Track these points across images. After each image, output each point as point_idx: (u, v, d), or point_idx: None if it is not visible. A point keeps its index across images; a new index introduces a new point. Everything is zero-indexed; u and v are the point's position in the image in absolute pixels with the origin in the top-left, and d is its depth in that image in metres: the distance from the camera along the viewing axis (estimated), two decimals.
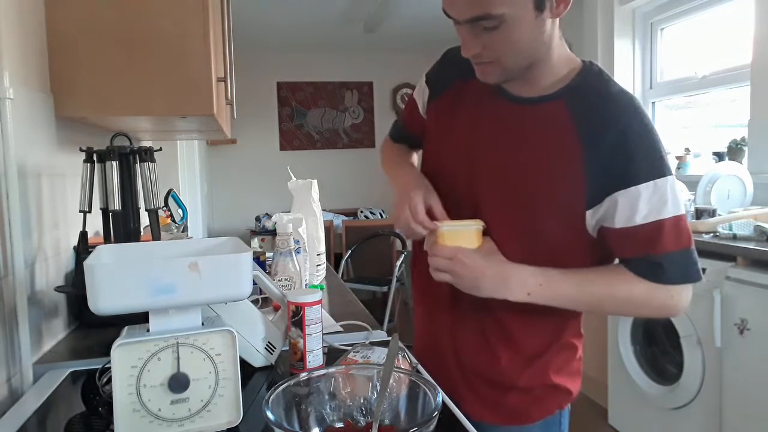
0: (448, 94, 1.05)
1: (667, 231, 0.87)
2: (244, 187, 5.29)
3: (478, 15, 0.81)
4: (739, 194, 2.43)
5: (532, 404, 1.04)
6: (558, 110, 0.90)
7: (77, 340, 1.27)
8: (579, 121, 0.88)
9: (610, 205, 0.87)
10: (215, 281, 0.78)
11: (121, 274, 0.75)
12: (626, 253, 0.91)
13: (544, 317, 0.99)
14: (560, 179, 0.89)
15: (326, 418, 0.72)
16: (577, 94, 0.90)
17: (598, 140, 0.86)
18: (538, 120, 0.92)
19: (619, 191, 0.85)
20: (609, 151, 0.85)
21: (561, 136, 0.89)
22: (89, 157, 1.22)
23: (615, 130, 0.85)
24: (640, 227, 0.86)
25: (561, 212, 0.90)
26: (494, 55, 0.86)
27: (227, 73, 1.55)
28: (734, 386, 1.97)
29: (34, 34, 1.23)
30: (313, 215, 1.69)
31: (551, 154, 0.90)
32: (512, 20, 0.81)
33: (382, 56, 5.40)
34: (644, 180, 0.84)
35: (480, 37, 0.84)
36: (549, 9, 0.83)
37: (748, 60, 2.55)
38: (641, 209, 0.85)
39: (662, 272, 0.88)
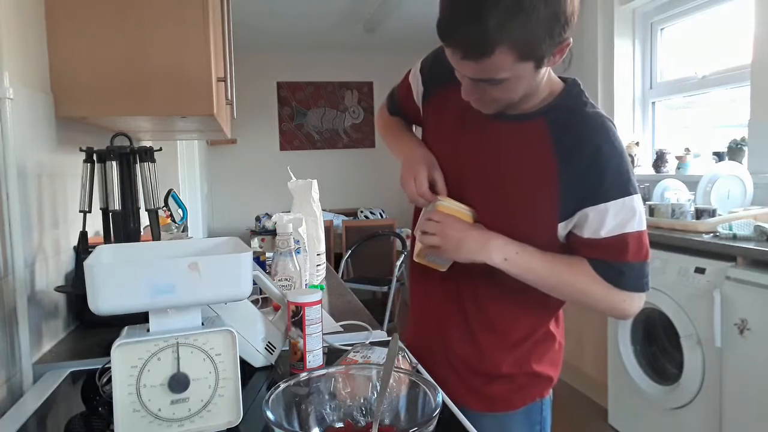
0: (440, 94, 1.09)
1: (630, 244, 0.93)
2: (244, 187, 5.29)
3: (484, 78, 0.86)
4: (739, 194, 2.43)
5: (515, 392, 1.10)
6: (537, 127, 0.95)
7: (77, 340, 1.27)
8: (556, 138, 0.93)
9: (580, 218, 0.94)
10: (215, 281, 0.78)
11: (121, 274, 0.75)
12: (590, 255, 0.97)
13: (526, 307, 1.06)
14: (536, 193, 0.95)
15: (326, 418, 0.72)
16: (556, 113, 0.95)
17: (573, 159, 0.92)
18: (519, 135, 0.97)
19: (590, 207, 0.91)
20: (582, 170, 0.91)
21: (539, 152, 0.94)
22: (89, 157, 1.22)
23: (588, 150, 0.91)
24: (606, 239, 0.93)
25: (536, 222, 0.96)
26: (494, 99, 0.92)
27: (227, 73, 1.55)
28: (734, 386, 1.97)
29: (34, 34, 1.23)
30: (313, 215, 1.69)
31: (529, 169, 0.96)
32: (514, 79, 0.86)
33: (382, 56, 5.39)
34: (613, 198, 0.90)
35: (481, 89, 0.89)
36: (547, 63, 0.87)
37: (748, 60, 2.55)
38: (608, 224, 0.92)
39: (622, 278, 0.95)
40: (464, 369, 1.10)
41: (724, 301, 1.97)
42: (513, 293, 1.03)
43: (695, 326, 2.10)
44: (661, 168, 3.13)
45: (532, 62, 0.84)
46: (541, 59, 0.85)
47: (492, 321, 1.07)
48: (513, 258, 0.96)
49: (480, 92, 0.90)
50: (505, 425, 1.11)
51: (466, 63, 0.84)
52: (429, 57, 1.13)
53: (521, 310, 1.06)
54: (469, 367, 1.10)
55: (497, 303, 1.05)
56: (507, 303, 1.05)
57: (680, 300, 2.16)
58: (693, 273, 2.10)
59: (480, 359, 1.09)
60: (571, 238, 0.97)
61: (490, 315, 1.06)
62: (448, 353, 1.11)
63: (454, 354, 1.11)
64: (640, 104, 3.48)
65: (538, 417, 1.12)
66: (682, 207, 2.37)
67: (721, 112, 3.08)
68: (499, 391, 1.09)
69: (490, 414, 1.10)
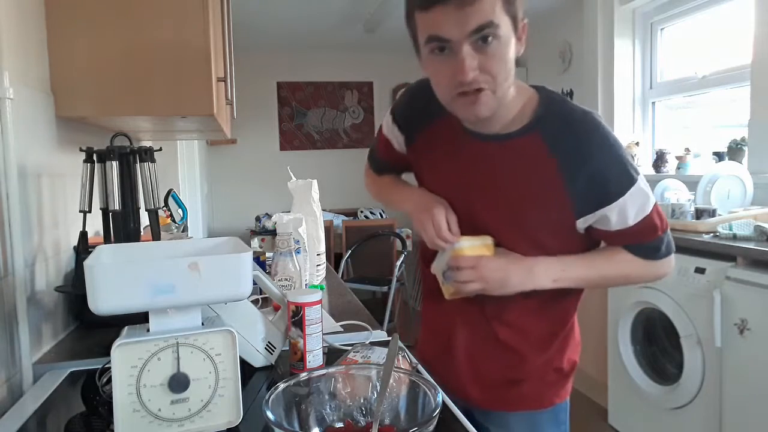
0: (423, 135, 1.09)
1: (654, 221, 0.99)
2: (244, 187, 5.29)
3: (482, 23, 0.84)
4: (739, 194, 2.43)
5: (546, 390, 1.11)
6: (534, 142, 0.96)
7: (77, 340, 1.27)
8: (555, 150, 0.94)
9: (600, 218, 0.97)
10: (215, 281, 0.78)
11: (121, 274, 0.75)
12: (622, 243, 1.02)
13: (550, 307, 1.07)
14: (547, 204, 0.97)
15: (326, 418, 0.72)
16: (547, 123, 0.96)
17: (576, 166, 0.93)
18: (517, 153, 0.97)
19: (607, 207, 0.95)
20: (588, 178, 0.93)
21: (541, 165, 0.95)
22: (89, 157, 1.22)
23: (589, 155, 0.93)
24: (634, 226, 0.98)
25: (554, 229, 0.99)
26: (488, 77, 0.88)
27: (227, 73, 1.55)
28: (734, 386, 1.97)
29: (34, 34, 1.23)
30: (313, 215, 1.69)
31: (534, 184, 0.97)
32: (504, 37, 0.87)
33: (382, 56, 5.39)
34: (625, 191, 0.94)
35: (477, 58, 0.87)
36: (518, 34, 0.90)
37: (748, 60, 2.55)
38: (630, 213, 0.96)
39: (656, 252, 1.03)
40: (494, 378, 1.10)
41: (724, 301, 1.96)
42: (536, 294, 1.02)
43: (695, 326, 2.10)
44: (661, 168, 3.13)
45: (511, 22, 0.87)
46: (515, 22, 0.88)
47: (521, 327, 1.07)
48: (560, 276, 1.00)
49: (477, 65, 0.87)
50: (534, 423, 1.12)
51: (461, 13, 0.83)
52: (398, 106, 1.14)
53: (547, 309, 1.07)
54: (500, 376, 1.10)
55: (521, 309, 1.05)
56: (531, 307, 1.05)
57: (680, 300, 2.16)
58: (693, 273, 2.10)
59: (513, 368, 1.09)
60: (598, 232, 1.00)
61: (517, 322, 1.07)
62: (473, 362, 1.11)
63: (483, 367, 1.10)
64: (640, 104, 3.48)
65: (564, 417, 1.14)
66: (682, 207, 2.37)
67: (721, 112, 3.08)
68: (529, 391, 1.10)
69: (519, 412, 1.11)
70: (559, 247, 1.01)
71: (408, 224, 5.16)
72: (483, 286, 0.98)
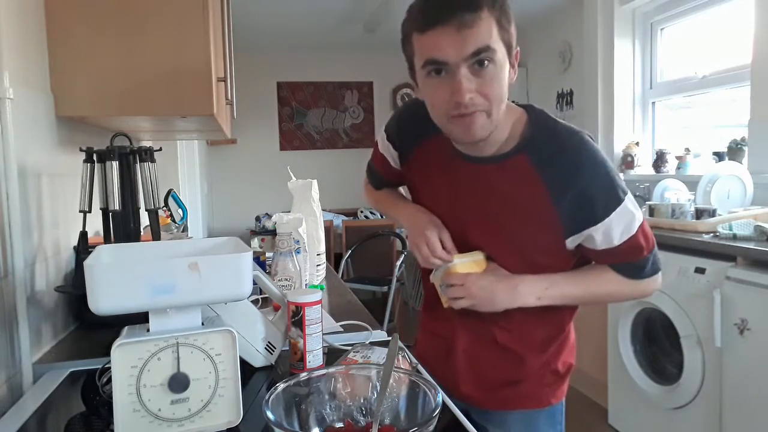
0: (417, 152, 1.12)
1: (640, 242, 1.00)
2: (244, 187, 5.29)
3: (480, 47, 0.87)
4: (739, 194, 2.43)
5: (542, 389, 1.14)
6: (521, 163, 0.98)
7: (77, 340, 1.27)
8: (542, 172, 0.97)
9: (587, 238, 0.99)
10: (215, 281, 0.78)
11: (121, 274, 0.75)
12: (608, 262, 1.04)
13: (548, 314, 1.08)
14: (536, 223, 0.99)
15: (326, 418, 0.72)
16: (534, 145, 0.98)
17: (563, 187, 0.95)
18: (506, 175, 1.00)
19: (593, 227, 0.97)
20: (574, 199, 0.95)
21: (529, 186, 0.98)
22: (89, 157, 1.22)
23: (574, 184, 0.95)
24: (620, 246, 0.99)
25: (544, 246, 1.02)
26: (484, 100, 0.90)
27: (227, 73, 1.55)
28: (734, 386, 1.97)
29: (34, 34, 1.23)
30: (313, 215, 1.69)
31: (524, 204, 0.99)
32: (500, 62, 0.90)
33: (382, 56, 5.39)
34: (611, 211, 0.95)
35: (473, 81, 0.89)
36: (512, 64, 0.93)
37: (748, 60, 2.55)
38: (615, 234, 0.98)
39: (641, 271, 1.04)
40: (493, 377, 1.13)
41: (724, 301, 1.96)
42: None
43: (695, 326, 2.10)
44: (661, 168, 3.13)
45: (506, 49, 0.90)
46: (509, 48, 0.91)
47: (518, 328, 1.09)
48: (544, 294, 1.03)
49: (474, 86, 0.89)
50: (532, 422, 1.15)
51: (460, 36, 0.86)
52: (392, 124, 1.16)
53: (543, 315, 1.08)
54: (500, 379, 1.13)
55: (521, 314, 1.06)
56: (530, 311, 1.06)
57: (680, 300, 2.16)
58: (693, 273, 2.10)
59: (512, 371, 1.12)
60: (585, 249, 1.02)
61: (517, 327, 1.09)
62: (472, 364, 1.13)
63: (480, 364, 1.13)
64: (640, 104, 3.48)
65: (560, 418, 1.17)
66: (682, 207, 2.37)
67: (721, 112, 3.08)
68: (527, 391, 1.13)
69: (517, 411, 1.14)
70: (550, 265, 1.04)
71: None
72: (472, 302, 1.02)
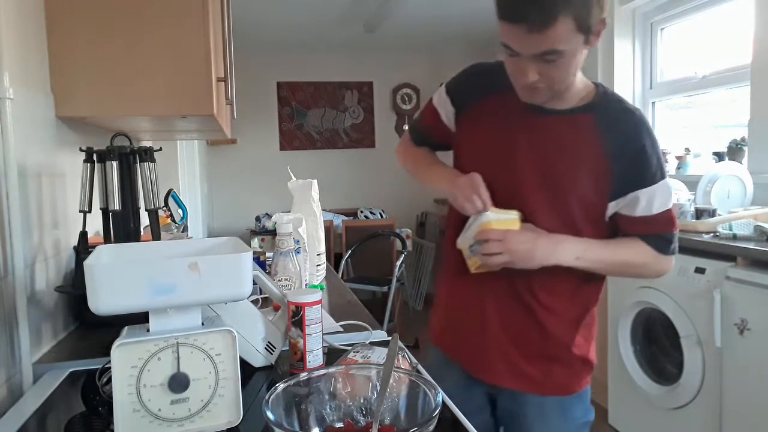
0: (474, 109, 1.17)
1: (673, 216, 1.11)
2: (244, 187, 5.29)
3: (545, 50, 0.94)
4: (739, 194, 2.43)
5: (574, 376, 1.19)
6: (587, 121, 1.07)
7: (77, 340, 1.27)
8: (604, 131, 1.05)
9: (631, 199, 1.06)
10: (215, 281, 0.78)
11: (121, 274, 0.75)
12: (642, 232, 1.10)
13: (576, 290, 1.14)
14: (589, 178, 1.06)
15: (326, 418, 0.72)
16: (600, 110, 1.08)
17: (621, 151, 1.05)
18: (570, 128, 1.07)
19: (640, 190, 1.05)
20: (630, 160, 1.05)
21: (591, 143, 1.06)
22: (89, 157, 1.22)
23: (634, 144, 1.05)
24: (655, 216, 1.08)
25: (588, 210, 1.08)
26: (547, 82, 1.00)
27: (227, 73, 1.55)
28: (734, 386, 1.97)
29: (34, 34, 1.23)
30: (313, 215, 1.69)
31: (582, 157, 1.06)
32: (569, 54, 0.96)
33: (382, 56, 5.39)
34: (658, 180, 1.06)
35: (538, 68, 0.97)
36: (590, 41, 0.98)
37: (748, 60, 2.55)
38: (656, 203, 1.07)
39: (668, 246, 1.12)
40: (524, 350, 1.15)
41: (724, 301, 1.96)
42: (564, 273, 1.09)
43: (695, 326, 2.10)
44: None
45: (583, 36, 0.95)
46: (589, 33, 0.95)
47: (550, 302, 1.13)
48: (583, 255, 1.07)
49: (537, 73, 0.98)
50: (567, 406, 1.20)
51: (530, 37, 0.92)
52: (455, 80, 1.22)
53: (573, 290, 1.14)
54: (534, 352, 1.16)
55: (553, 284, 1.12)
56: (561, 283, 1.12)
57: (680, 300, 2.16)
58: (693, 273, 2.10)
59: (547, 341, 1.15)
60: (620, 217, 1.09)
61: (546, 297, 1.13)
62: (506, 334, 1.15)
63: (513, 335, 1.15)
64: (640, 104, 3.48)
65: (587, 398, 1.23)
66: (682, 207, 2.37)
67: (721, 112, 3.08)
68: (560, 376, 1.18)
69: (551, 397, 1.18)
70: (588, 231, 1.09)
71: (408, 224, 5.16)
72: (509, 258, 1.04)
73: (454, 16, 4.10)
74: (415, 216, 5.45)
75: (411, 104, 5.49)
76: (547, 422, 1.18)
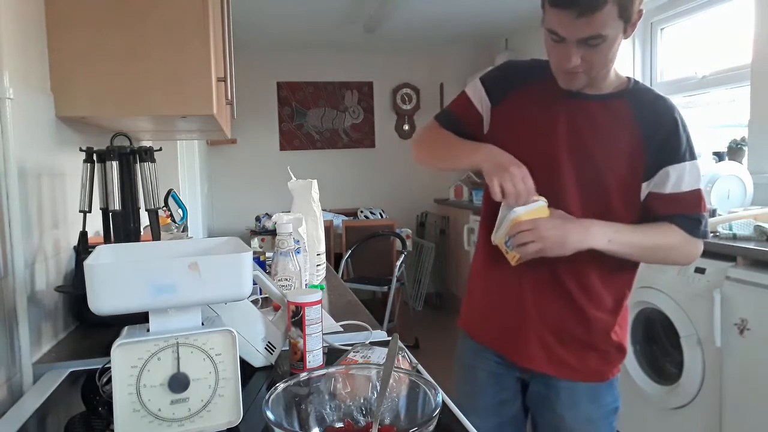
0: (511, 99, 1.21)
1: (702, 196, 1.14)
2: (244, 187, 5.28)
3: (591, 35, 1.01)
4: (739, 194, 2.43)
5: (608, 364, 1.22)
6: (622, 106, 1.14)
7: (77, 340, 1.27)
8: (638, 116, 1.12)
9: (661, 176, 1.11)
10: (215, 281, 0.78)
11: (121, 274, 0.75)
12: (671, 211, 1.13)
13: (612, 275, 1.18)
14: (623, 159, 1.11)
15: (326, 418, 0.72)
16: (633, 95, 1.15)
17: (654, 129, 1.11)
18: (607, 113, 1.14)
19: (670, 166, 1.10)
20: (663, 138, 1.10)
21: (625, 126, 1.12)
22: (89, 157, 1.22)
23: (667, 123, 1.11)
24: (687, 193, 1.12)
25: (624, 190, 1.12)
26: (587, 67, 1.07)
27: (227, 73, 1.55)
28: (734, 386, 1.97)
29: (34, 34, 1.23)
30: (313, 215, 1.69)
31: (617, 137, 1.12)
32: (611, 39, 1.03)
33: (382, 56, 5.39)
34: (688, 159, 1.11)
35: (582, 52, 1.04)
36: (628, 29, 1.05)
37: (748, 60, 2.55)
38: (686, 180, 1.11)
39: (698, 227, 1.14)
40: (565, 341, 1.19)
41: (724, 301, 1.96)
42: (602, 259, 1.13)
43: (695, 326, 2.10)
44: None
45: (623, 24, 1.02)
46: (629, 21, 1.02)
47: (590, 288, 1.17)
48: (614, 237, 1.09)
49: (579, 58, 1.04)
50: (598, 393, 1.23)
51: (578, 22, 0.99)
52: (490, 74, 1.27)
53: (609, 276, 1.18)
54: (573, 338, 1.19)
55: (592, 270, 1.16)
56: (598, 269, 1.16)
57: (680, 300, 2.16)
58: (693, 273, 2.10)
59: (587, 327, 1.18)
60: (652, 197, 1.13)
61: (587, 283, 1.16)
62: (541, 329, 1.19)
63: (553, 327, 1.18)
64: None
65: (617, 384, 1.25)
66: None
67: (721, 112, 3.08)
68: (595, 363, 1.21)
69: (585, 383, 1.21)
70: (621, 212, 1.12)
71: (408, 224, 5.16)
72: (542, 245, 1.06)
73: (454, 16, 4.10)
74: (415, 216, 5.45)
75: (411, 104, 5.49)
76: (579, 409, 1.21)
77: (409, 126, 5.50)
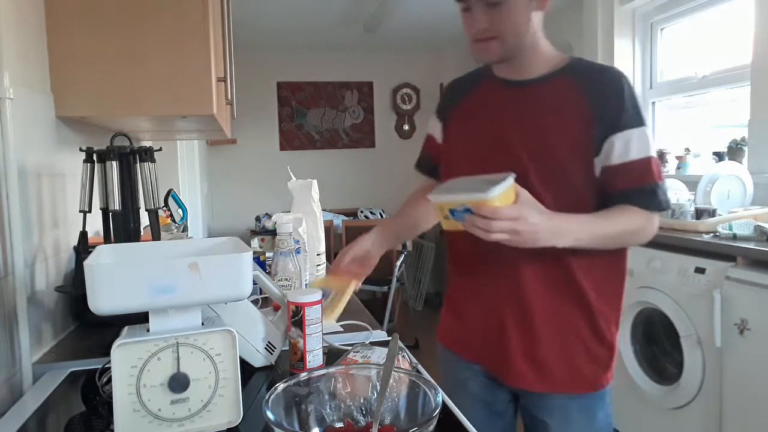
0: (457, 110, 1.25)
1: (653, 166, 1.08)
2: (244, 187, 5.28)
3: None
4: (739, 194, 2.43)
5: (603, 371, 1.16)
6: (567, 83, 1.10)
7: (77, 340, 1.27)
8: (585, 90, 1.08)
9: (607, 146, 1.06)
10: (215, 281, 0.78)
11: (121, 274, 0.75)
12: (625, 184, 1.07)
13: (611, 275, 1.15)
14: (577, 135, 1.07)
15: (326, 418, 0.72)
16: (578, 71, 1.12)
17: (603, 103, 1.07)
18: (549, 90, 1.11)
19: (615, 134, 1.06)
20: (608, 104, 1.07)
21: (575, 102, 1.08)
22: (89, 157, 1.23)
23: (611, 87, 1.08)
24: (636, 162, 1.06)
25: (582, 163, 1.08)
26: (497, 30, 1.07)
27: (227, 73, 1.55)
28: (734, 386, 1.97)
29: (34, 34, 1.23)
30: (313, 215, 1.69)
31: (568, 116, 1.08)
32: (513, 1, 1.04)
33: (382, 56, 5.39)
34: (633, 126, 1.06)
35: (486, 16, 1.06)
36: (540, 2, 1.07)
37: (748, 60, 2.55)
38: (633, 148, 1.06)
39: (653, 198, 1.08)
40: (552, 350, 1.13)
41: (724, 301, 1.96)
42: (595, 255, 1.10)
43: (695, 326, 2.10)
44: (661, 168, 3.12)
45: None
46: None
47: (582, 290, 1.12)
48: (582, 235, 1.05)
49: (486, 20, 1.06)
50: (589, 408, 1.17)
51: None
52: (439, 103, 1.32)
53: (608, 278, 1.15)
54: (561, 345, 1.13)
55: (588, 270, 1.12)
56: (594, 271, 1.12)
57: (680, 300, 2.16)
58: (693, 273, 2.10)
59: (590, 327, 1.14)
60: (604, 172, 1.08)
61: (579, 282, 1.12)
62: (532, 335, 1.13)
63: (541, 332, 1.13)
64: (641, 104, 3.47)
65: (609, 399, 1.20)
66: (682, 207, 2.37)
67: (721, 112, 3.08)
68: (587, 369, 1.15)
69: (577, 398, 1.15)
70: (584, 194, 1.08)
71: None
72: (513, 238, 0.95)
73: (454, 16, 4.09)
74: None
75: (411, 104, 5.49)
76: (572, 427, 1.17)
77: (409, 126, 5.50)
